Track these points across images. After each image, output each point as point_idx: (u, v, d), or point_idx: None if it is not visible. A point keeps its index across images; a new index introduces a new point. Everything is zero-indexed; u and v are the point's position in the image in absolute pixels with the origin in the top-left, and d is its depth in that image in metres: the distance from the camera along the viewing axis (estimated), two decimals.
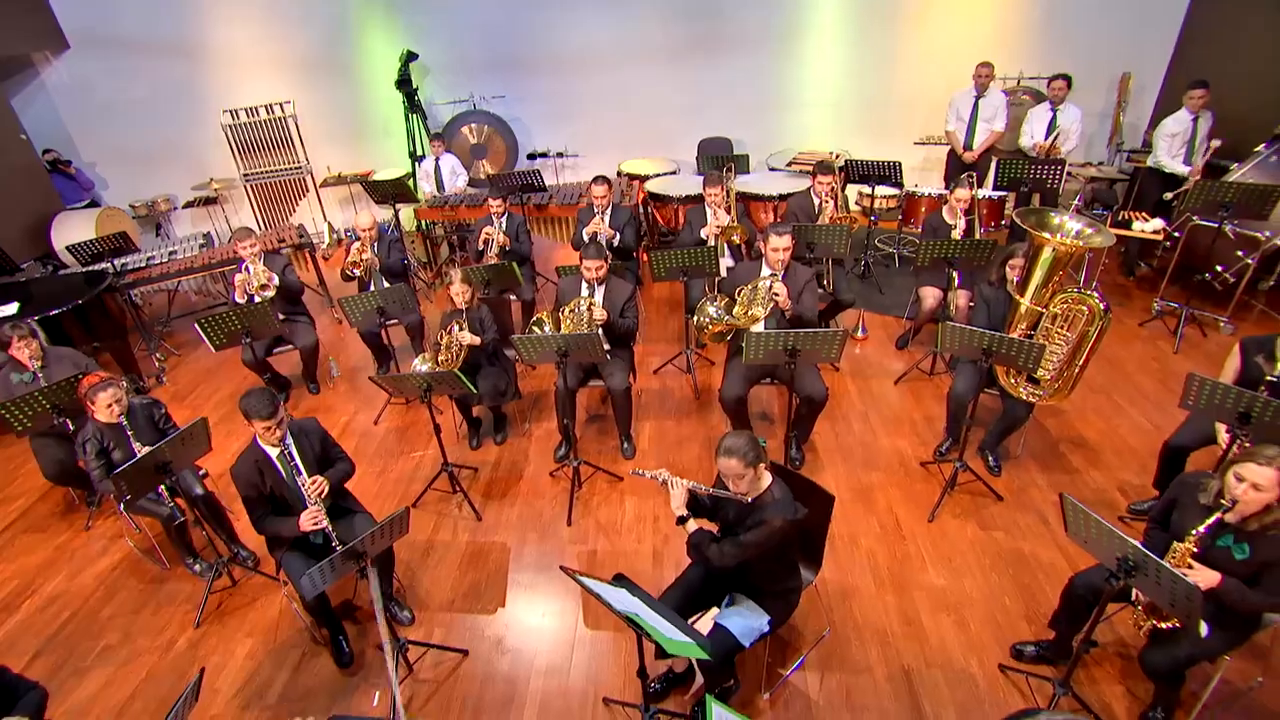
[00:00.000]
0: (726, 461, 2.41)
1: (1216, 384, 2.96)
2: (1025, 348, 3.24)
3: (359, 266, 5.05)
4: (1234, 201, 4.63)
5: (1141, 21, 6.68)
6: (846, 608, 3.34)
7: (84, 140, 7.54)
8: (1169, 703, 2.69)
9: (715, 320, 4.04)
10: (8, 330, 4.08)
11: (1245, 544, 2.37)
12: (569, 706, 2.99)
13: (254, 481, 3.09)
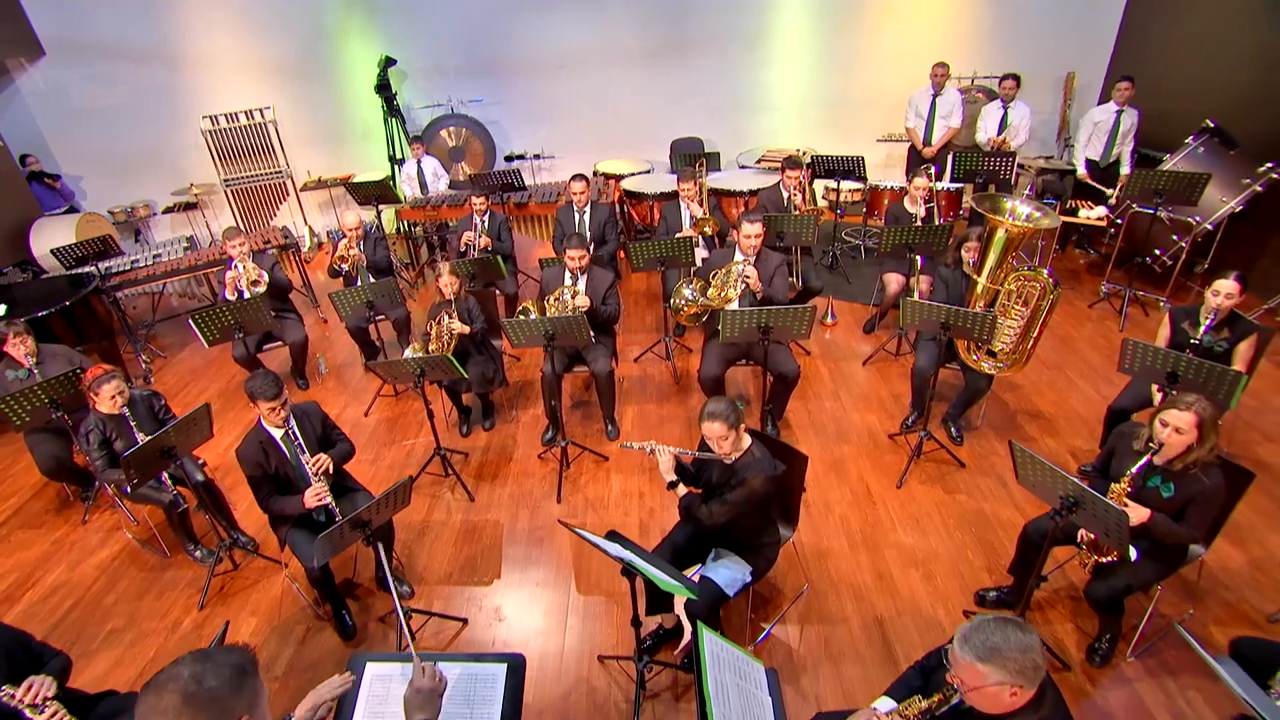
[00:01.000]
0: (710, 425, 2.64)
1: (1148, 347, 3.27)
2: (979, 319, 3.52)
3: (347, 261, 5.19)
4: (1166, 189, 5.01)
5: (1082, 25, 7.12)
6: (823, 567, 3.58)
7: (61, 147, 7.55)
8: (1113, 633, 2.97)
9: (691, 302, 4.28)
10: (3, 328, 4.16)
11: (1171, 483, 2.65)
12: (566, 666, 3.18)
13: (259, 461, 3.24)
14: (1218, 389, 3.12)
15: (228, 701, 1.16)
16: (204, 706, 1.14)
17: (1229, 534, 3.54)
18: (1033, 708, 1.71)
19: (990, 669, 1.64)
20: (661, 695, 3.02)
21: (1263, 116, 5.60)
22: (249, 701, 1.20)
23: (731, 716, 1.93)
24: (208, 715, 1.14)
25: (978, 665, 1.65)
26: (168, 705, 1.12)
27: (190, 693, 1.14)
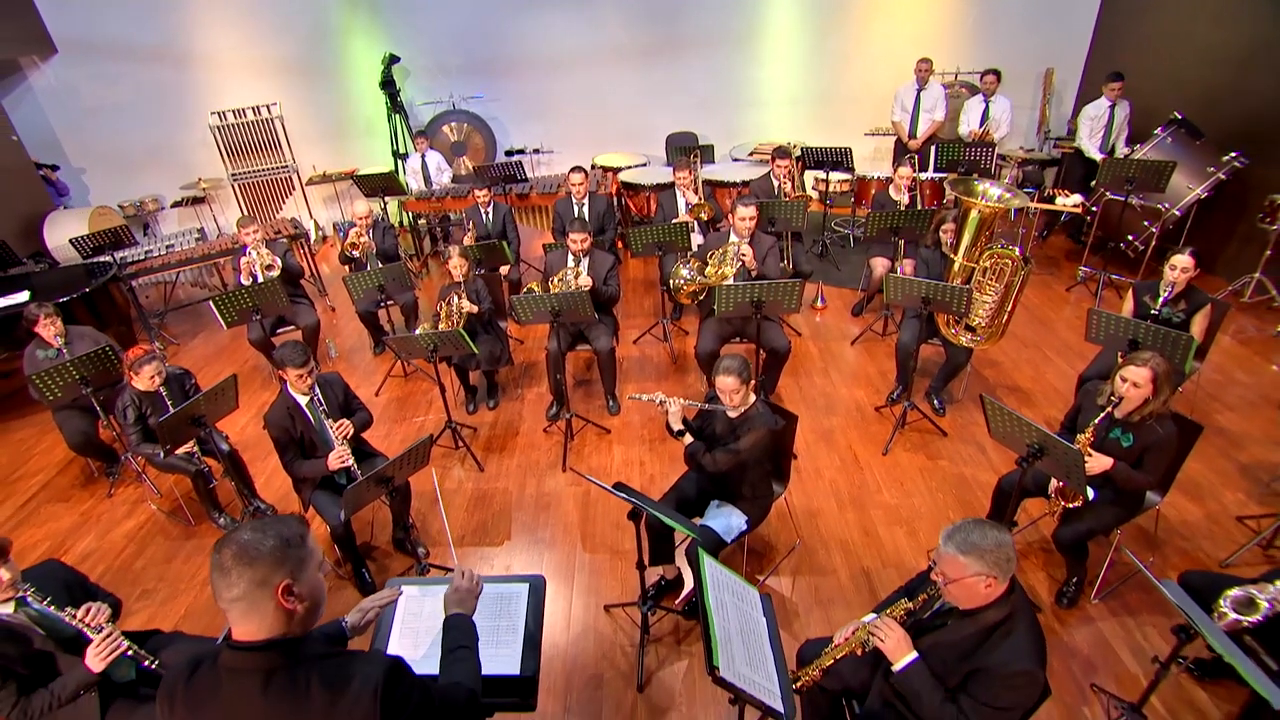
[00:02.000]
0: (725, 379, 2.89)
1: (1111, 316, 3.55)
2: (956, 292, 3.78)
3: (358, 248, 5.42)
4: (1136, 176, 5.29)
5: (1059, 23, 7.43)
6: (813, 525, 3.83)
7: (71, 143, 7.74)
8: (1079, 577, 3.23)
9: (690, 280, 4.53)
10: (34, 309, 4.37)
11: (1130, 434, 2.91)
12: (575, 616, 3.42)
13: (285, 426, 3.46)
14: (1173, 352, 3.39)
15: (269, 564, 1.32)
16: (249, 564, 1.31)
17: (1188, 490, 3.85)
18: (1004, 600, 1.96)
19: (970, 560, 1.89)
20: (664, 639, 3.26)
21: (1227, 110, 5.89)
22: (291, 570, 1.35)
23: (730, 629, 2.17)
24: (252, 572, 1.31)
25: (960, 557, 1.90)
26: (223, 559, 1.32)
27: (239, 552, 1.32)
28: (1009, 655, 1.92)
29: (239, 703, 1.34)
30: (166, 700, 1.40)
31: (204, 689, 1.37)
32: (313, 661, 1.37)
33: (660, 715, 2.93)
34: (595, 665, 3.16)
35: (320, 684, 1.34)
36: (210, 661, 1.39)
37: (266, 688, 1.32)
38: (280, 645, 1.35)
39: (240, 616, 1.33)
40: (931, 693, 2.03)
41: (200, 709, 1.37)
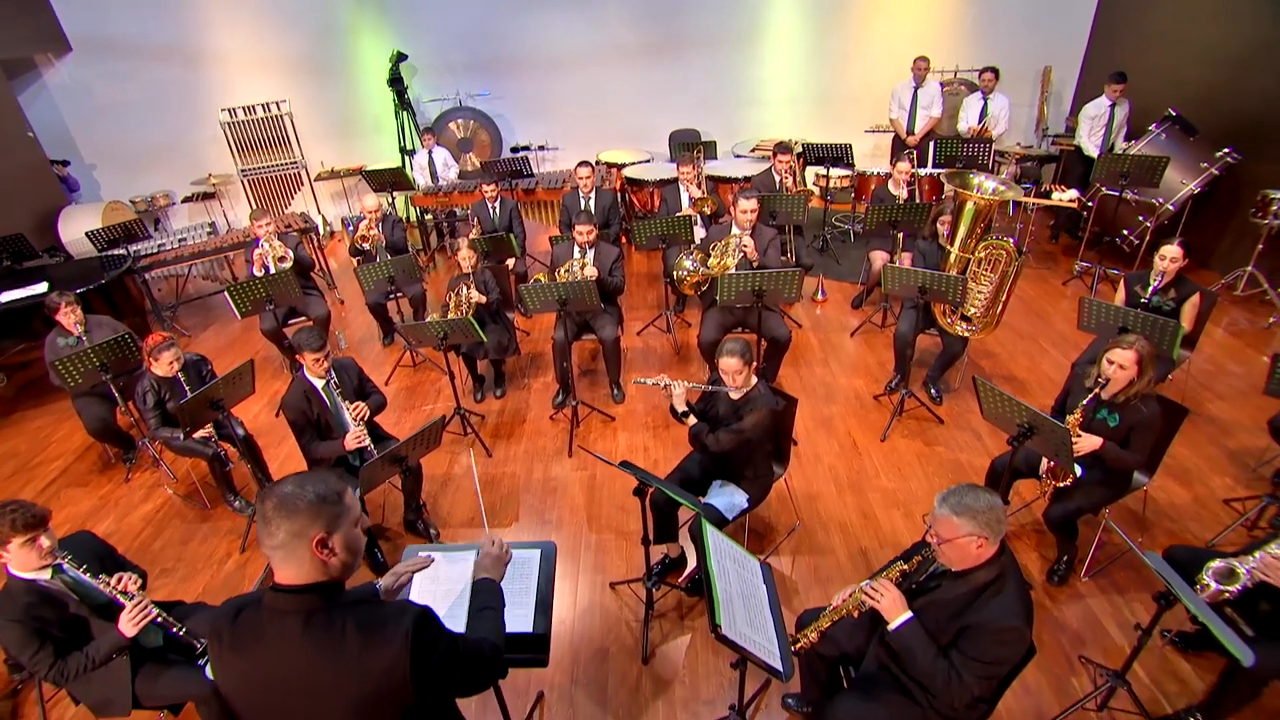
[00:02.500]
0: (729, 360, 3.01)
1: (1102, 304, 3.66)
2: (951, 281, 3.89)
3: (368, 241, 5.54)
4: (1130, 171, 5.40)
5: (1058, 22, 7.55)
6: (813, 508, 3.95)
7: (84, 140, 7.87)
8: (1069, 555, 3.34)
9: (693, 271, 4.64)
10: (55, 297, 4.50)
11: (1116, 414, 3.02)
12: (581, 592, 3.53)
13: (302, 409, 3.59)
14: (1161, 339, 3.51)
15: (306, 517, 1.41)
16: (288, 516, 1.41)
17: (1176, 474, 3.96)
18: (994, 561, 2.07)
19: (962, 521, 2.00)
20: (668, 615, 3.37)
21: (1222, 108, 6.00)
22: (326, 524, 1.43)
23: (732, 592, 2.28)
24: (290, 524, 1.40)
25: (953, 518, 2.01)
26: (265, 510, 1.43)
27: (279, 504, 1.42)
28: (998, 612, 2.03)
29: (281, 640, 1.44)
30: (215, 639, 1.51)
31: (249, 628, 1.48)
32: (348, 607, 1.47)
33: (664, 686, 3.04)
34: (601, 639, 3.28)
35: (355, 626, 1.44)
36: (254, 605, 1.50)
37: (306, 627, 1.43)
38: (318, 590, 1.45)
39: (280, 563, 1.43)
40: (925, 649, 2.15)
41: (247, 645, 1.47)
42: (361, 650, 1.42)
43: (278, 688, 1.45)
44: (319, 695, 1.43)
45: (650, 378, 3.25)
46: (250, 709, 1.51)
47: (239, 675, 1.49)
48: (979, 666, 2.06)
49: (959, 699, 2.13)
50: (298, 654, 1.43)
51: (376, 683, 1.42)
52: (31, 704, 3.17)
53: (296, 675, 1.43)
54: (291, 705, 1.45)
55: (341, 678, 1.41)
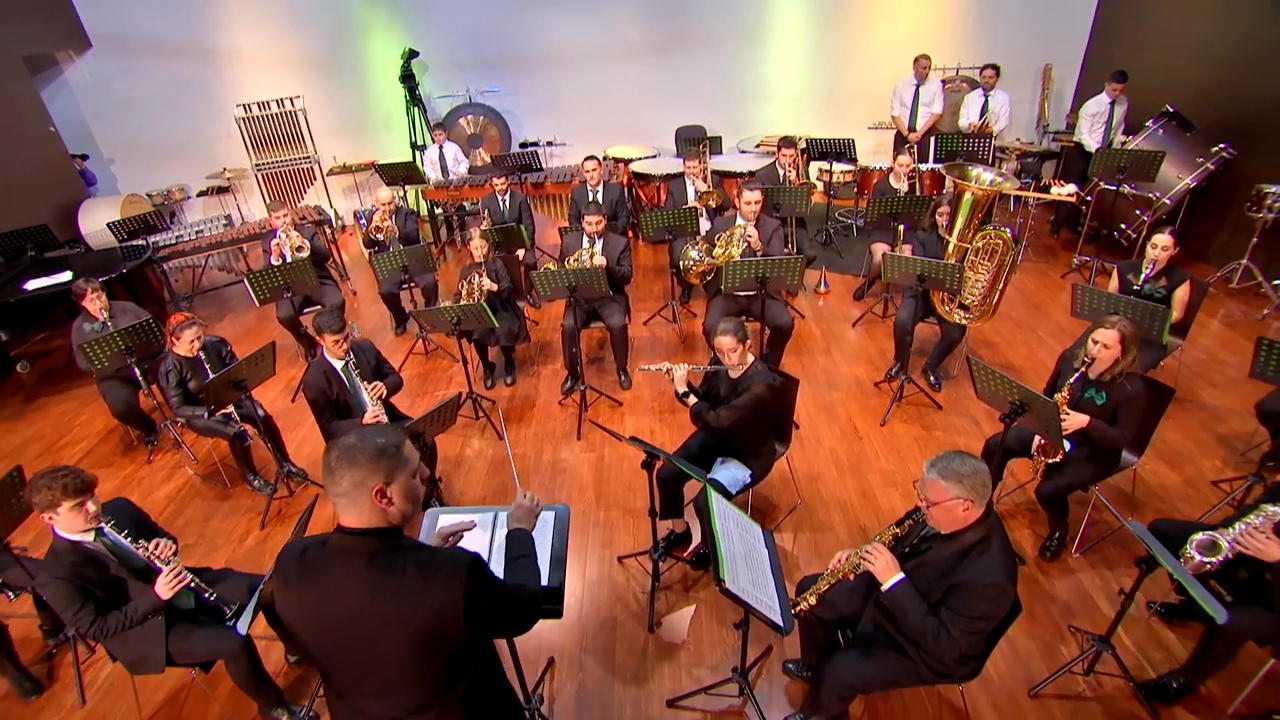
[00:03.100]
0: (722, 339, 3.15)
1: (1095, 291, 3.79)
2: (949, 270, 4.02)
3: (382, 232, 5.70)
4: (1127, 166, 5.52)
5: (1058, 20, 7.67)
6: (814, 488, 4.08)
7: (102, 134, 8.04)
8: (1061, 532, 3.47)
9: (698, 261, 4.78)
10: (82, 284, 4.65)
11: (1103, 392, 3.15)
12: (590, 566, 3.67)
13: (322, 388, 3.73)
14: (1151, 324, 3.63)
15: (366, 468, 1.51)
16: (350, 466, 1.51)
17: (1167, 458, 4.09)
18: (980, 523, 2.20)
19: (949, 484, 2.13)
20: (674, 587, 3.51)
21: (1219, 104, 6.10)
22: (386, 475, 1.53)
23: (735, 552, 2.41)
24: (352, 473, 1.51)
25: (941, 482, 2.14)
26: (330, 460, 1.54)
27: (342, 455, 1.53)
28: (983, 571, 2.16)
29: (345, 576, 1.55)
30: (282, 578, 1.62)
31: (315, 565, 1.59)
32: (408, 550, 1.58)
33: (669, 652, 3.18)
34: (609, 609, 3.42)
35: (415, 568, 1.54)
36: (319, 545, 1.61)
37: (369, 566, 1.53)
38: (380, 533, 1.55)
39: (344, 509, 1.54)
40: (916, 608, 2.28)
41: (312, 580, 1.58)
42: (420, 589, 1.53)
43: (340, 620, 1.56)
44: (378, 628, 1.54)
45: (654, 364, 3.40)
46: (313, 639, 1.63)
47: (304, 608, 1.60)
48: (965, 622, 2.19)
49: (948, 653, 2.27)
50: (360, 590, 1.54)
51: (433, 620, 1.54)
52: (66, 666, 3.32)
53: (358, 609, 1.54)
54: (351, 636, 1.57)
55: (400, 613, 1.52)
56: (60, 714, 3.13)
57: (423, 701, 1.65)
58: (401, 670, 1.59)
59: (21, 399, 5.83)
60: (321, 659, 1.68)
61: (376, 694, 1.66)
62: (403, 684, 1.62)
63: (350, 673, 1.65)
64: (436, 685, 1.64)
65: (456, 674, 1.66)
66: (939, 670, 2.36)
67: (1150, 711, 2.76)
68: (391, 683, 1.62)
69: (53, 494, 2.56)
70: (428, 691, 1.64)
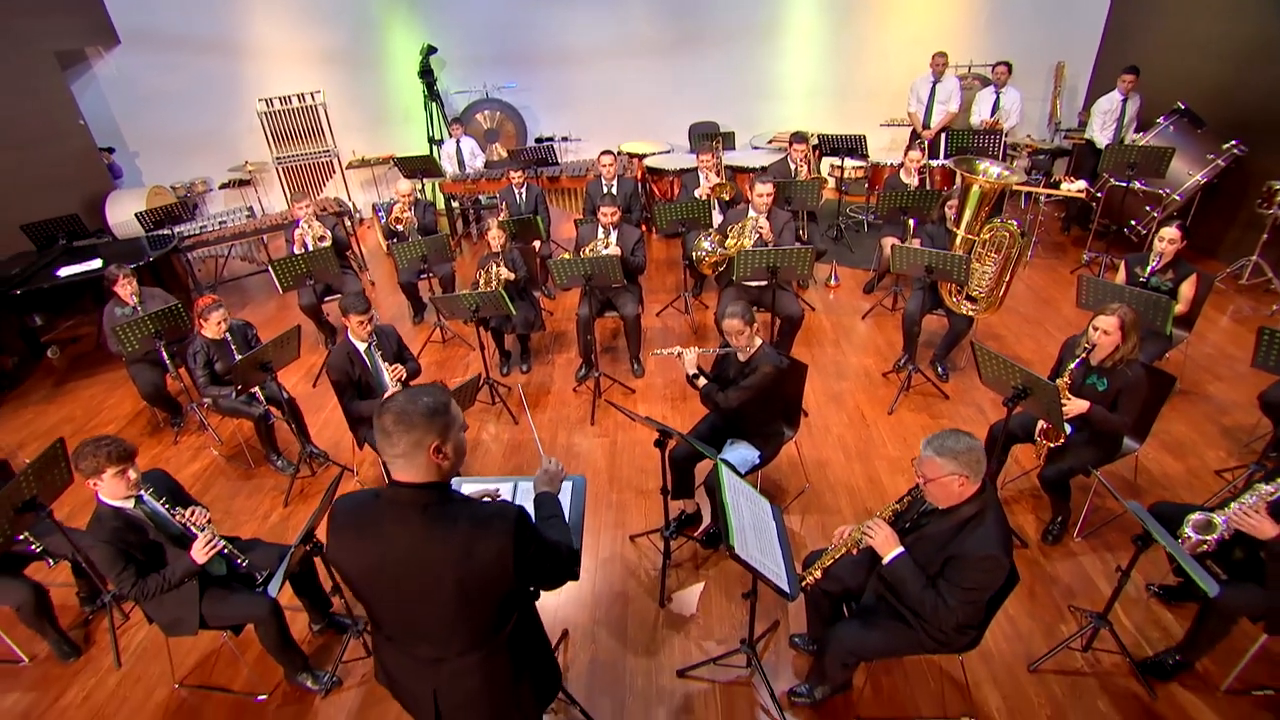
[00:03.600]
0: (731, 322, 3.26)
1: (1099, 281, 3.87)
2: (956, 261, 4.11)
3: (401, 222, 5.84)
4: (1137, 162, 5.57)
5: (1071, 18, 7.71)
6: (822, 473, 4.17)
7: (129, 128, 8.23)
8: (1063, 516, 3.55)
9: (711, 252, 4.89)
10: (114, 269, 4.82)
11: (1104, 379, 3.23)
12: (603, 544, 3.78)
13: (345, 369, 3.87)
14: (1155, 314, 3.70)
15: (422, 428, 1.60)
16: (407, 429, 1.59)
17: (1171, 448, 4.15)
18: (976, 498, 2.30)
19: (945, 461, 2.23)
20: (684, 565, 3.62)
21: (1230, 101, 6.14)
22: (440, 432, 1.62)
23: (745, 522, 2.52)
24: (409, 435, 1.59)
25: (937, 459, 2.24)
26: (385, 424, 1.62)
27: (397, 419, 1.61)
28: (978, 543, 2.25)
29: (400, 526, 1.66)
30: (338, 528, 1.73)
31: (370, 517, 1.70)
32: (459, 502, 1.70)
33: (679, 625, 3.29)
34: (622, 584, 3.53)
35: (466, 518, 1.66)
36: (372, 498, 1.72)
37: (423, 516, 1.64)
38: (434, 486, 1.65)
39: (400, 469, 1.63)
40: (915, 579, 2.37)
41: (368, 530, 1.69)
42: (472, 538, 1.63)
43: (394, 567, 1.67)
44: (431, 574, 1.65)
45: (665, 349, 3.52)
46: (367, 585, 1.75)
47: (360, 555, 1.70)
48: (962, 592, 2.28)
49: (946, 622, 2.36)
50: (416, 538, 1.65)
51: (483, 567, 1.64)
52: (102, 632, 3.47)
53: (412, 556, 1.65)
54: (405, 582, 1.68)
55: (453, 560, 1.63)
56: (97, 676, 3.28)
57: (470, 644, 1.77)
58: (452, 614, 1.71)
59: (52, 383, 6.01)
60: (374, 605, 1.80)
61: (427, 637, 1.78)
62: (453, 627, 1.74)
63: (402, 617, 1.78)
64: (484, 628, 1.77)
65: (502, 619, 1.79)
66: (939, 639, 2.45)
67: (1146, 687, 2.84)
68: (442, 626, 1.74)
69: (98, 461, 2.70)
70: (475, 634, 1.77)
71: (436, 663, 1.80)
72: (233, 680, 3.21)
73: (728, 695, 2.97)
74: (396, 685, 1.94)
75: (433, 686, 1.83)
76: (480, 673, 1.81)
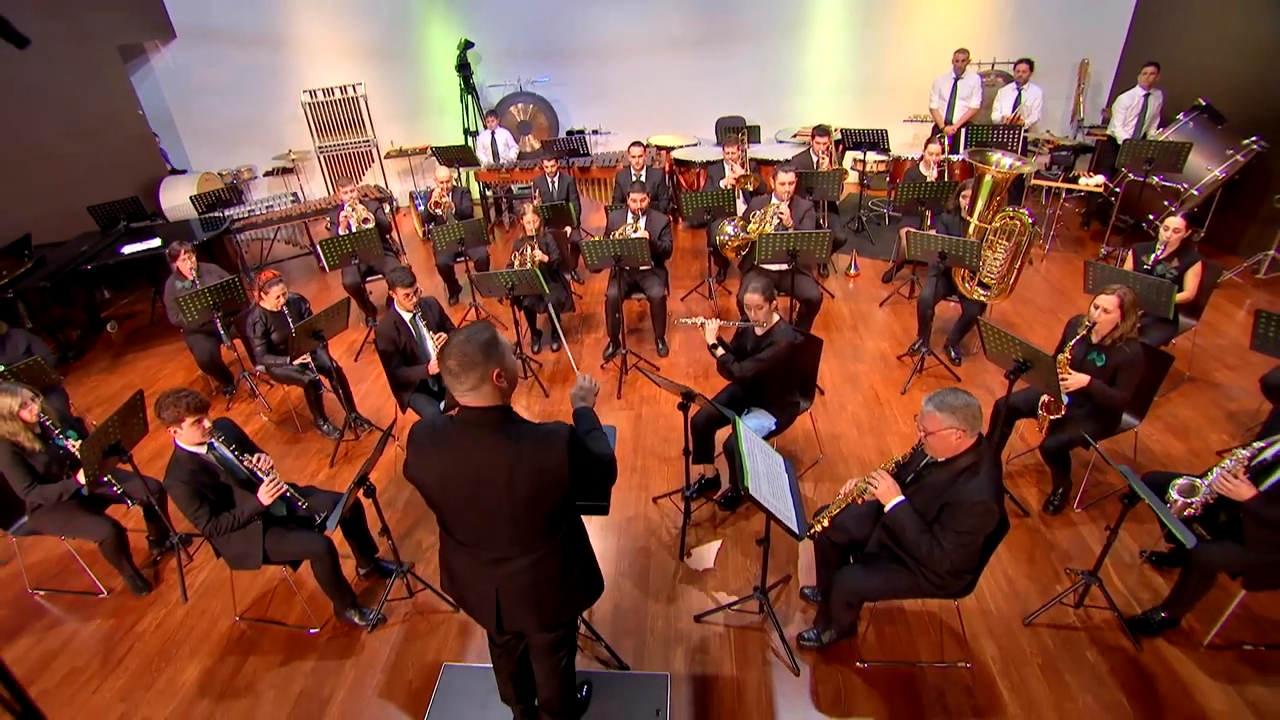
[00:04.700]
0: (751, 296, 3.50)
1: (1105, 267, 4.05)
2: (968, 247, 4.31)
3: (441, 208, 6.16)
4: (1154, 157, 5.70)
5: (1096, 15, 7.81)
6: (835, 446, 4.40)
7: (182, 117, 8.67)
8: (1064, 487, 3.74)
9: (734, 236, 5.13)
10: (176, 246, 5.18)
11: (1104, 355, 3.42)
12: (626, 504, 4.04)
13: (392, 337, 4.18)
14: (1157, 298, 3.88)
15: (482, 362, 1.87)
16: (472, 367, 1.86)
17: (1176, 430, 4.32)
18: (973, 450, 2.52)
19: (944, 415, 2.45)
20: (703, 524, 3.87)
21: (1256, 99, 6.21)
22: (498, 361, 1.89)
23: (759, 469, 2.76)
24: (474, 370, 1.86)
25: (937, 413, 2.47)
26: (451, 366, 1.89)
27: (461, 360, 1.87)
28: (971, 490, 2.47)
29: (474, 442, 1.94)
30: (416, 447, 2.02)
31: (447, 435, 1.99)
32: (520, 423, 1.98)
33: (697, 578, 3.54)
34: (644, 540, 3.79)
35: (528, 435, 1.94)
36: (447, 421, 2.02)
37: (494, 433, 1.92)
38: (500, 409, 1.94)
39: (470, 399, 1.91)
40: (914, 524, 2.60)
41: (445, 446, 1.98)
42: (535, 452, 1.91)
43: (468, 477, 1.95)
44: (498, 482, 1.93)
45: (689, 318, 3.78)
46: (442, 495, 2.04)
47: (438, 468, 1.99)
48: (955, 536, 2.51)
49: (941, 565, 2.58)
50: (486, 452, 1.93)
51: (544, 475, 1.93)
52: (170, 571, 3.81)
53: (484, 467, 1.93)
54: (477, 491, 1.96)
55: (520, 470, 1.91)
56: (167, 608, 3.61)
57: (529, 546, 2.06)
58: (514, 518, 1.99)
59: (111, 355, 6.41)
60: (448, 512, 2.08)
61: (492, 539, 2.06)
62: (515, 530, 2.02)
63: (471, 523, 2.06)
64: (540, 532, 2.05)
65: (556, 524, 2.07)
66: (936, 583, 2.68)
67: (1133, 641, 3.04)
68: (505, 529, 2.02)
69: (178, 410, 3.02)
70: (533, 537, 2.05)
71: (499, 562, 2.08)
72: (287, 615, 3.52)
73: (741, 638, 3.22)
74: (461, 586, 2.23)
75: (494, 585, 2.13)
76: (535, 571, 2.09)
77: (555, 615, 2.25)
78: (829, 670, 3.05)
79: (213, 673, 3.25)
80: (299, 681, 3.18)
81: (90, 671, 3.29)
